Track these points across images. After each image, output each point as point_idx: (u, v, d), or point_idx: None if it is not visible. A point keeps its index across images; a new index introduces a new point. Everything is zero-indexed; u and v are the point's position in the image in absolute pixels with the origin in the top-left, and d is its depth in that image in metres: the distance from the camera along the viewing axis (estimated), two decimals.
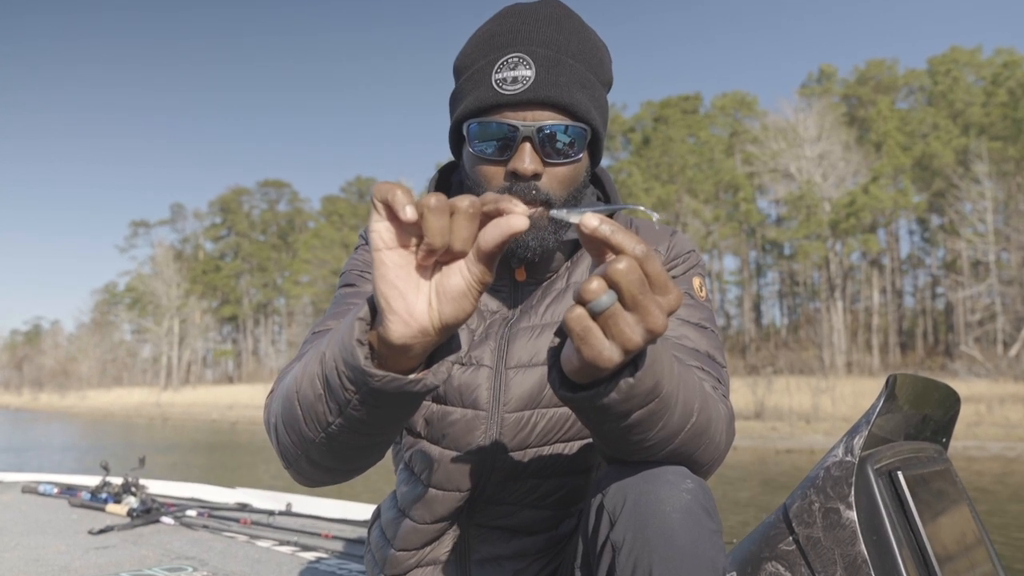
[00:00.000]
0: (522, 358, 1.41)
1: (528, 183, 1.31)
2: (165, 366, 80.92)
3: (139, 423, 43.38)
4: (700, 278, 1.49)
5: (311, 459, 1.11)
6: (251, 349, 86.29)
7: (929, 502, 1.42)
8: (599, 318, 0.85)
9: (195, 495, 4.39)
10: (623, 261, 0.82)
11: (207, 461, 19.66)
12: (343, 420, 0.99)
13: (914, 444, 1.56)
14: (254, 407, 47.70)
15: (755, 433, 22.64)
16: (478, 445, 1.39)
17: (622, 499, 1.07)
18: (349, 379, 0.93)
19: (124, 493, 3.95)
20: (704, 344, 1.37)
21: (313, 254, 71.89)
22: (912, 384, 1.49)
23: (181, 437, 29.95)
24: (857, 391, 28.68)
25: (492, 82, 1.32)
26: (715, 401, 1.17)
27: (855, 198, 47.55)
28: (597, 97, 1.37)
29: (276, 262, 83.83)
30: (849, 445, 1.38)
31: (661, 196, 54.16)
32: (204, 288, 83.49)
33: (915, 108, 56.11)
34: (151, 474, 5.53)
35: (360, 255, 1.54)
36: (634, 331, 0.85)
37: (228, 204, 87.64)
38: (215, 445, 25.88)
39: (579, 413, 1.01)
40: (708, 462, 1.16)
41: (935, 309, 58.14)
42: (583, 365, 0.90)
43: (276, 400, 1.16)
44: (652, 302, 0.84)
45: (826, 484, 1.37)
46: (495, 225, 0.83)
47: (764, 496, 12.53)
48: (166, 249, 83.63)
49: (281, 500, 4.12)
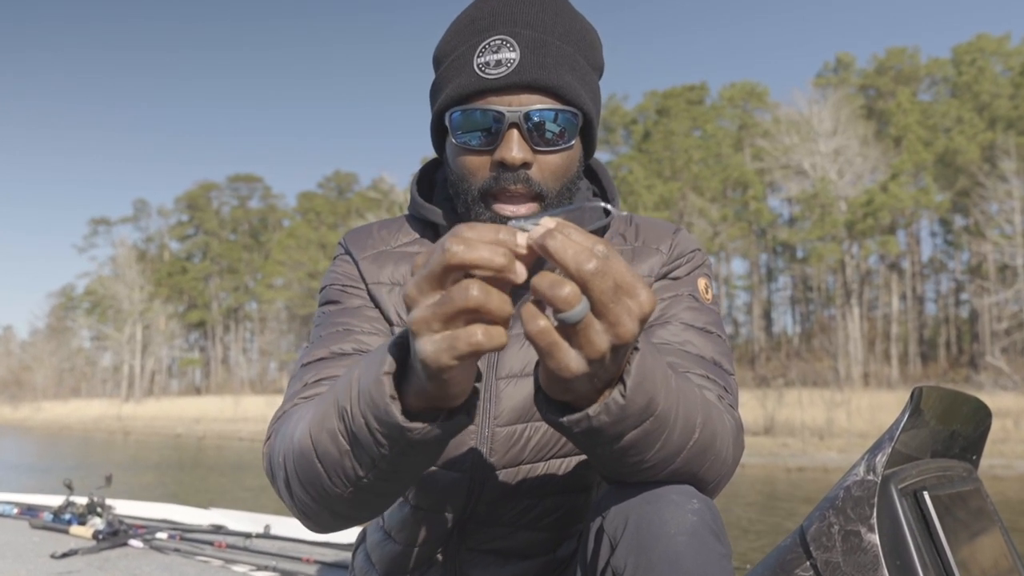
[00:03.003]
0: (514, 367, 1.41)
1: (517, 173, 1.31)
2: (127, 376, 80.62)
3: (98, 437, 43.18)
4: (706, 279, 1.49)
5: (334, 511, 1.13)
6: (220, 358, 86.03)
7: (958, 525, 1.42)
8: (567, 328, 0.83)
9: (166, 516, 4.37)
10: (592, 261, 0.80)
11: (176, 479, 19.59)
12: (375, 473, 1.01)
13: (942, 462, 1.56)
14: (223, 421, 47.62)
15: (764, 450, 22.66)
16: (468, 462, 1.39)
17: (623, 521, 1.08)
18: (383, 435, 0.95)
19: (89, 514, 3.94)
20: (710, 350, 1.37)
21: (288, 255, 71.76)
22: (939, 397, 1.49)
23: (145, 453, 29.82)
24: (874, 405, 28.71)
25: (474, 67, 1.32)
26: (720, 412, 1.18)
27: (873, 197, 47.72)
28: (588, 81, 1.37)
29: (248, 263, 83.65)
30: (871, 463, 1.38)
31: (664, 194, 54.25)
32: (169, 291, 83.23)
33: (938, 100, 56.34)
34: (118, 493, 5.51)
35: (339, 266, 1.53)
36: (601, 340, 0.83)
37: (196, 200, 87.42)
38: (183, 462, 25.78)
39: (569, 437, 1.00)
40: (714, 479, 1.17)
41: (959, 317, 58.36)
42: (548, 377, 0.90)
43: (282, 454, 1.17)
44: (623, 308, 0.83)
45: (846, 505, 1.37)
46: (504, 334, 0.83)
47: (773, 518, 12.54)
48: (128, 249, 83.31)
49: (259, 522, 4.11)
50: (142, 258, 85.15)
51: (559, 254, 0.80)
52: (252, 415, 47.48)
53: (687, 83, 62.39)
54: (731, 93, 62.40)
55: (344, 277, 1.51)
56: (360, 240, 1.55)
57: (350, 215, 72.26)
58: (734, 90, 62.53)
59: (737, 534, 10.75)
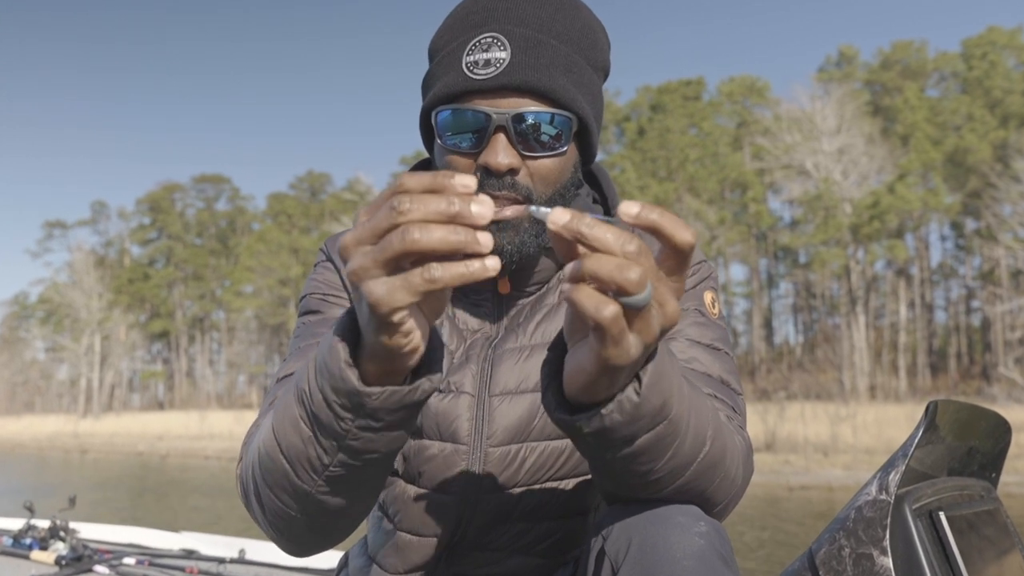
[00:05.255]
0: (508, 384, 1.41)
1: (503, 179, 1.31)
2: (84, 390, 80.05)
3: (54, 456, 42.85)
4: (712, 292, 1.49)
5: (308, 518, 1.12)
6: (185, 370, 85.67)
7: (975, 547, 1.43)
8: (629, 313, 0.83)
9: (133, 540, 4.35)
10: (634, 241, 0.80)
11: (141, 500, 19.48)
12: (342, 456, 1.01)
13: (959, 480, 1.56)
14: (188, 438, 47.33)
15: (765, 467, 22.70)
16: (458, 484, 1.39)
17: (626, 544, 1.07)
18: (343, 407, 0.95)
19: (52, 538, 3.90)
20: (717, 368, 1.38)
21: (257, 260, 71.55)
22: (956, 412, 1.50)
23: (105, 473, 29.61)
24: (881, 419, 28.79)
25: (462, 66, 1.32)
26: (730, 431, 1.18)
27: (879, 198, 47.96)
28: (586, 83, 1.37)
29: (214, 269, 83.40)
30: (884, 482, 1.39)
31: (658, 195, 54.39)
32: (130, 299, 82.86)
33: (947, 96, 56.71)
34: (82, 515, 5.48)
35: (321, 274, 1.54)
36: (656, 323, 0.85)
37: (158, 202, 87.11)
38: (146, 482, 25.62)
39: (577, 441, 1.01)
40: (723, 500, 1.17)
41: (970, 326, 58.70)
42: (602, 371, 0.88)
43: (251, 465, 1.17)
44: (666, 288, 0.85)
45: (857, 526, 1.37)
46: (464, 265, 0.81)
47: (775, 539, 12.56)
48: (86, 254, 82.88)
49: (233, 546, 4.09)
50: (101, 264, 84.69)
51: (600, 238, 0.80)
52: (219, 432, 47.21)
53: (683, 77, 62.81)
54: (729, 88, 62.69)
55: (326, 285, 1.51)
56: None
57: (324, 218, 72.27)
58: (733, 85, 62.82)
59: (738, 558, 10.75)
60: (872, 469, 21.22)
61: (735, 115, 62.19)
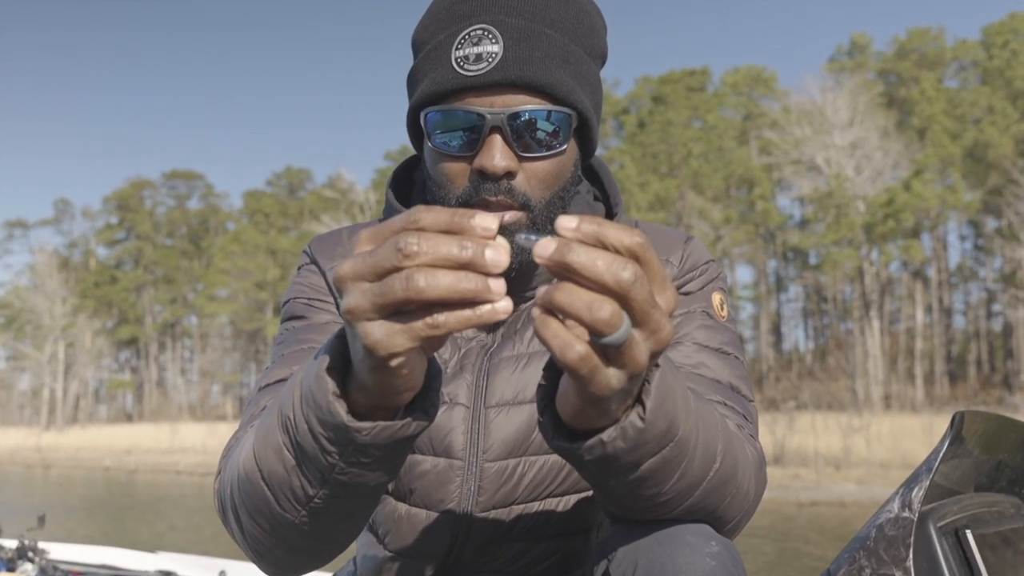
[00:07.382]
0: (505, 395, 1.41)
1: (498, 183, 1.30)
2: (47, 401, 79.95)
3: (15, 472, 42.82)
4: (721, 294, 1.49)
5: (290, 545, 1.11)
6: (155, 380, 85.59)
7: (1005, 566, 1.43)
8: (608, 349, 0.79)
9: (107, 561, 4.35)
10: (628, 269, 0.76)
11: (110, 519, 19.44)
12: (327, 490, 1.00)
13: (986, 496, 1.56)
14: (158, 452, 47.31)
15: (774, 482, 22.72)
16: (453, 501, 1.39)
17: (632, 566, 1.07)
18: (330, 440, 0.93)
19: (20, 559, 3.92)
20: (727, 374, 1.37)
21: (232, 262, 71.49)
22: (983, 423, 1.50)
23: (71, 489, 29.58)
24: (897, 430, 28.86)
25: (452, 61, 1.30)
26: (741, 442, 1.17)
27: (894, 196, 48.08)
28: (584, 73, 1.36)
29: (186, 272, 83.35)
30: (907, 498, 1.38)
31: (660, 192, 54.50)
32: (96, 304, 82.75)
33: (966, 87, 56.93)
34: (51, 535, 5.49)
35: (305, 277, 1.53)
36: (643, 353, 0.81)
37: (126, 200, 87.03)
38: (115, 499, 25.58)
39: (579, 467, 1.00)
40: (734, 517, 1.17)
41: (991, 331, 58.87)
42: (587, 403, 0.87)
43: (229, 484, 1.16)
44: (658, 312, 0.80)
45: (879, 545, 1.37)
46: (473, 311, 0.77)
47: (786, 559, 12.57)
48: (48, 256, 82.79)
49: (213, 567, 4.10)
50: (65, 266, 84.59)
51: (589, 270, 0.75)
52: (191, 445, 47.17)
53: (686, 67, 62.87)
54: (735, 79, 62.82)
55: (310, 289, 1.50)
56: (328, 248, 1.54)
57: (303, 217, 72.28)
58: (738, 75, 62.96)
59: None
60: (887, 483, 21.26)
61: (741, 107, 62.35)
